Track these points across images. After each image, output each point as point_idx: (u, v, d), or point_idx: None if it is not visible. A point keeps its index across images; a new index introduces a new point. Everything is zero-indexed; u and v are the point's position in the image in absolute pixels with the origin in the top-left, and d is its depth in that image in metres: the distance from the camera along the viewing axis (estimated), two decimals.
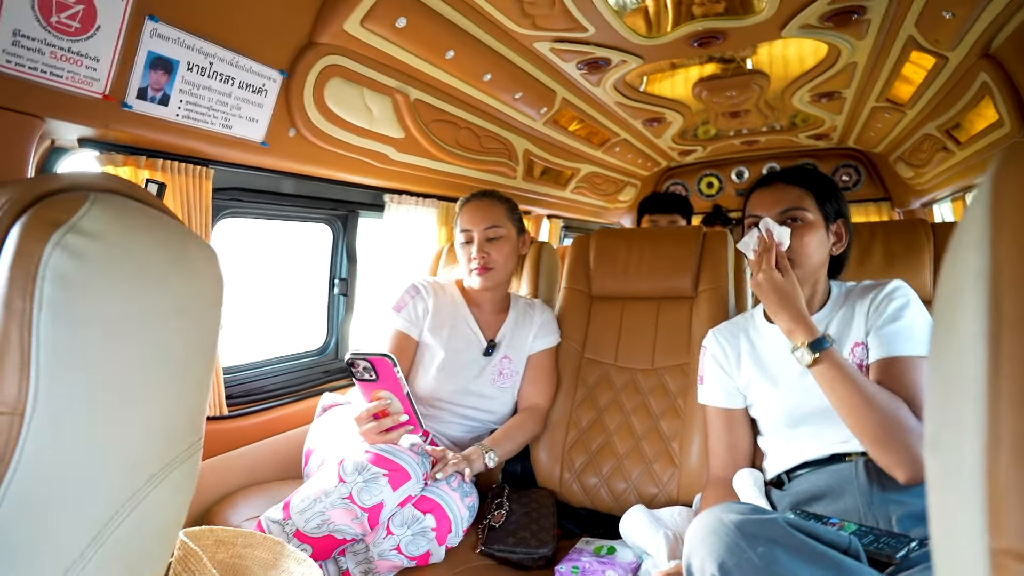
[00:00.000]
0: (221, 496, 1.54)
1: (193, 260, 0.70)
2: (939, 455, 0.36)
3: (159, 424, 0.65)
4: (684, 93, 2.54)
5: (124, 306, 0.60)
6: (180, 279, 0.67)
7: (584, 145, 2.95)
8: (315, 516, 1.18)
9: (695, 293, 1.71)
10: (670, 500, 1.51)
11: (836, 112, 2.85)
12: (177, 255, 0.67)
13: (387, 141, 1.81)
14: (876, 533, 1.00)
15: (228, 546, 0.96)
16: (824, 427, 1.20)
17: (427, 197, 2.26)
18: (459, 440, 1.64)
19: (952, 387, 0.34)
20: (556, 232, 3.78)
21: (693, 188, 4.13)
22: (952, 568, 0.34)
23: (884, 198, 3.70)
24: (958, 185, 2.72)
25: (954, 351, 0.33)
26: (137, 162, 1.25)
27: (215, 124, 1.31)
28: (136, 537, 0.62)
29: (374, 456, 1.22)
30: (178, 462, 0.68)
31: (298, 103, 1.47)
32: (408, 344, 1.65)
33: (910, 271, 1.50)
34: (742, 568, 0.80)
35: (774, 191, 1.29)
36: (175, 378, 0.67)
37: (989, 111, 1.88)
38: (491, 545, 1.32)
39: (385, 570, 1.23)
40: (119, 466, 0.60)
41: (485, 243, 1.65)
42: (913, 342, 1.15)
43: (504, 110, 2.18)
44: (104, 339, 0.58)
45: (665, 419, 1.59)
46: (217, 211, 1.62)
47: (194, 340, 0.69)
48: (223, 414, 1.58)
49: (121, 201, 0.63)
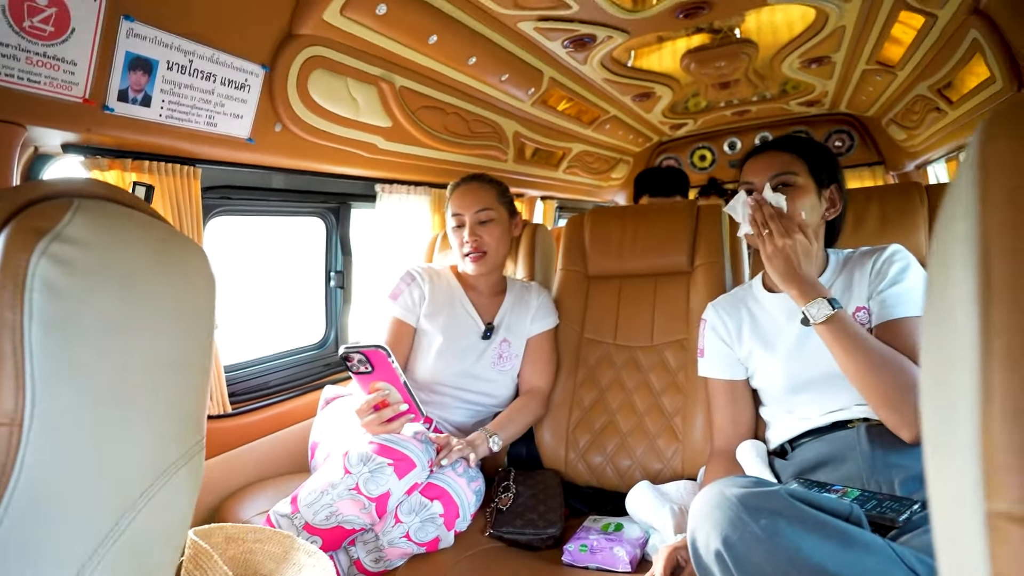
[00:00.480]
0: (230, 492, 1.56)
1: (183, 262, 0.69)
2: (934, 418, 0.36)
3: (160, 427, 0.65)
4: (672, 66, 2.51)
5: (116, 311, 0.60)
6: (171, 281, 0.67)
7: (574, 124, 2.92)
8: (323, 508, 1.19)
9: (691, 268, 1.71)
10: (675, 475, 1.52)
11: (826, 77, 2.82)
12: (166, 258, 0.67)
13: (375, 131, 1.80)
14: (879, 498, 1.01)
15: (238, 542, 0.97)
16: (825, 395, 1.21)
17: (418, 185, 2.25)
18: (462, 425, 1.65)
19: (945, 351, 0.34)
20: (550, 213, 3.76)
21: (686, 162, 4.11)
22: (950, 531, 0.35)
23: (878, 162, 3.68)
24: (952, 145, 2.71)
25: (946, 316, 0.33)
26: (123, 165, 1.24)
27: (199, 122, 1.30)
28: (143, 539, 0.63)
29: (378, 446, 1.23)
30: (182, 463, 0.69)
31: (282, 97, 1.45)
32: (406, 331, 1.65)
33: (905, 234, 1.50)
34: (745, 541, 0.80)
35: (766, 157, 1.29)
36: (173, 380, 0.67)
37: (980, 68, 1.86)
38: (499, 528, 1.34)
39: (396, 557, 1.25)
40: (122, 470, 0.61)
41: (476, 227, 1.65)
42: (916, 304, 1.16)
43: (491, 93, 2.16)
44: (98, 346, 0.58)
45: (667, 395, 1.60)
46: (208, 210, 1.61)
47: (190, 341, 0.69)
48: (227, 412, 1.59)
49: (106, 206, 0.63)
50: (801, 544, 0.78)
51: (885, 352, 1.10)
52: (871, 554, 0.78)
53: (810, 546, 0.78)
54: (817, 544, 0.78)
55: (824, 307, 1.12)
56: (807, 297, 1.15)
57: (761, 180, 1.27)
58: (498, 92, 2.16)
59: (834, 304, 1.13)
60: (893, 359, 1.09)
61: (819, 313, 1.13)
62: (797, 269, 1.16)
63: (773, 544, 0.78)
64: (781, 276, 1.18)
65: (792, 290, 1.17)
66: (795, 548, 0.78)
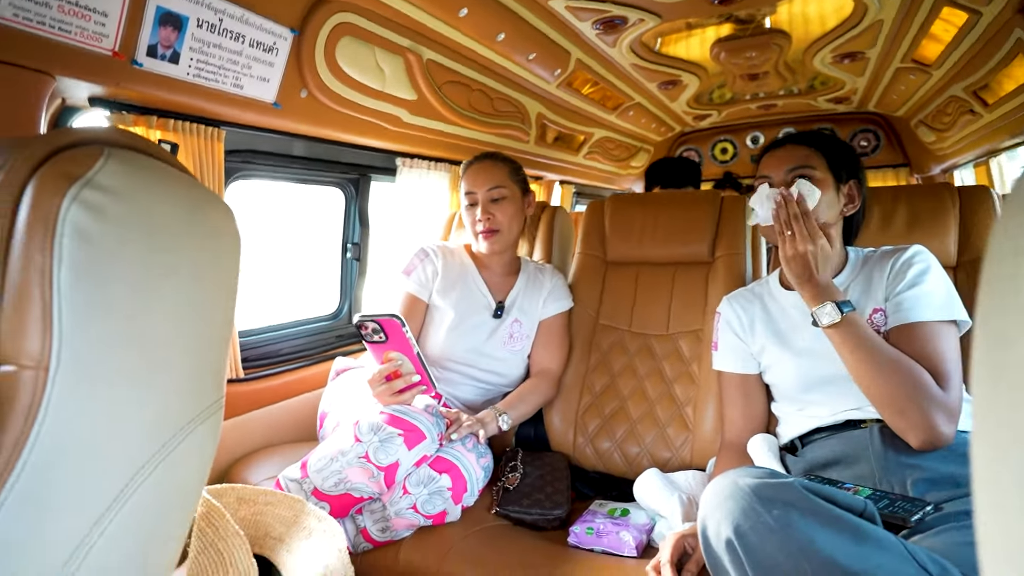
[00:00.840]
0: (240, 456, 1.57)
1: (211, 218, 0.69)
2: (988, 420, 0.34)
3: (183, 381, 0.65)
4: (701, 55, 2.47)
5: (144, 261, 0.59)
6: (198, 236, 0.66)
7: (597, 109, 2.89)
8: (332, 475, 1.19)
9: (712, 259, 1.69)
10: (683, 464, 1.52)
11: (858, 74, 2.76)
12: (194, 212, 0.66)
13: (400, 103, 1.78)
14: (891, 497, 1.00)
15: (250, 504, 0.98)
16: (838, 393, 1.20)
17: (439, 161, 2.23)
18: (471, 403, 1.66)
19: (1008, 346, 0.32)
20: (568, 198, 3.74)
21: (707, 154, 4.06)
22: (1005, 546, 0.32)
23: (903, 164, 3.62)
24: (982, 149, 2.65)
25: (1014, 306, 0.31)
26: (148, 122, 1.23)
27: (226, 83, 1.29)
28: (161, 493, 0.63)
29: (389, 416, 1.23)
30: (201, 419, 0.69)
31: (309, 63, 1.44)
32: (418, 307, 1.66)
33: (934, 236, 1.47)
34: (758, 531, 0.80)
35: (783, 151, 1.28)
36: (198, 334, 0.67)
37: (1021, 70, 1.82)
38: (506, 506, 1.34)
39: (402, 528, 1.25)
40: (144, 422, 0.61)
41: (489, 204, 1.64)
42: (933, 308, 1.14)
43: (518, 72, 2.13)
44: (126, 295, 0.57)
45: (679, 384, 1.59)
46: (229, 173, 1.61)
47: (216, 296, 0.69)
48: (239, 377, 1.60)
49: (136, 156, 0.62)
50: (814, 536, 0.77)
51: (894, 356, 1.08)
52: (883, 550, 0.77)
53: (823, 539, 0.77)
54: (830, 537, 0.77)
55: (833, 312, 1.12)
56: (818, 300, 1.14)
57: (778, 174, 1.26)
58: (524, 71, 2.14)
59: (843, 308, 1.12)
60: (902, 364, 1.07)
61: (827, 317, 1.12)
62: (814, 274, 1.15)
63: (785, 535, 0.78)
64: (797, 279, 1.17)
65: (805, 293, 1.17)
66: (808, 540, 0.77)
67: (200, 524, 0.85)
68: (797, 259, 1.16)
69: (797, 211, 1.17)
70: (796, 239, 1.16)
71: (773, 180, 1.26)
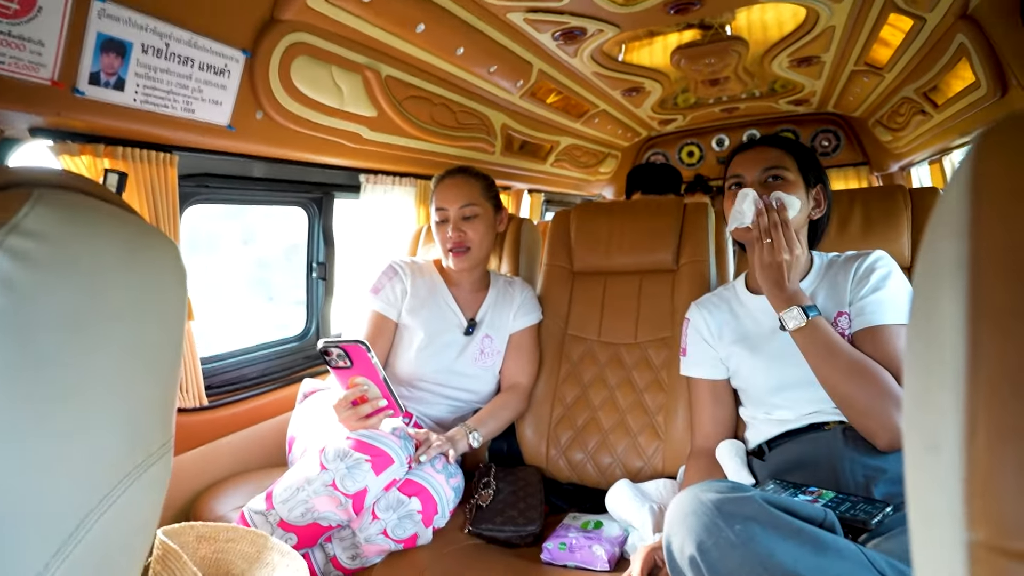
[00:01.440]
0: (206, 486, 1.53)
1: (153, 256, 0.66)
2: (916, 441, 0.35)
3: (125, 427, 0.63)
4: (662, 62, 2.50)
5: (78, 307, 0.57)
6: (139, 275, 0.64)
7: (563, 117, 2.90)
8: (299, 504, 1.17)
9: (676, 266, 1.70)
10: (655, 473, 1.52)
11: (815, 77, 2.82)
12: (135, 252, 0.64)
13: (359, 120, 1.76)
14: (853, 499, 1.02)
15: (210, 541, 0.95)
16: (803, 397, 1.22)
17: (404, 176, 2.22)
18: (443, 420, 1.64)
19: (930, 374, 0.33)
20: (537, 206, 3.74)
21: (674, 157, 4.11)
22: (931, 561, 0.34)
23: (863, 162, 3.71)
24: (935, 148, 2.73)
25: (932, 338, 0.32)
26: (95, 151, 1.20)
27: (176, 108, 1.26)
28: (107, 542, 0.61)
29: (355, 442, 1.21)
30: (149, 463, 0.66)
31: (264, 84, 1.41)
32: (387, 326, 1.63)
33: (888, 238, 1.50)
34: (720, 547, 0.80)
35: (756, 152, 1.30)
36: (139, 378, 0.65)
37: (966, 73, 1.87)
38: (479, 525, 1.33)
39: (373, 554, 1.23)
40: (84, 473, 0.58)
41: (461, 222, 1.63)
42: (895, 311, 1.16)
43: (480, 84, 2.13)
44: (56, 343, 0.55)
45: (649, 393, 1.60)
46: (185, 198, 1.57)
47: (158, 339, 0.67)
48: (203, 405, 1.56)
49: (70, 196, 0.60)
50: (775, 549, 0.78)
51: (859, 360, 1.11)
52: (843, 559, 0.78)
53: (783, 551, 0.78)
54: (790, 550, 0.78)
55: (799, 316, 1.15)
56: (785, 305, 1.17)
57: (751, 173, 1.28)
58: (486, 83, 2.14)
59: (809, 312, 1.14)
60: (865, 366, 1.10)
61: (793, 321, 1.15)
62: (786, 282, 1.18)
63: (747, 550, 0.78)
64: (769, 285, 1.19)
65: (775, 299, 1.19)
66: (768, 554, 0.78)
67: (155, 568, 0.82)
68: (773, 267, 1.18)
69: (777, 220, 1.19)
70: (774, 248, 1.18)
71: (746, 179, 1.28)
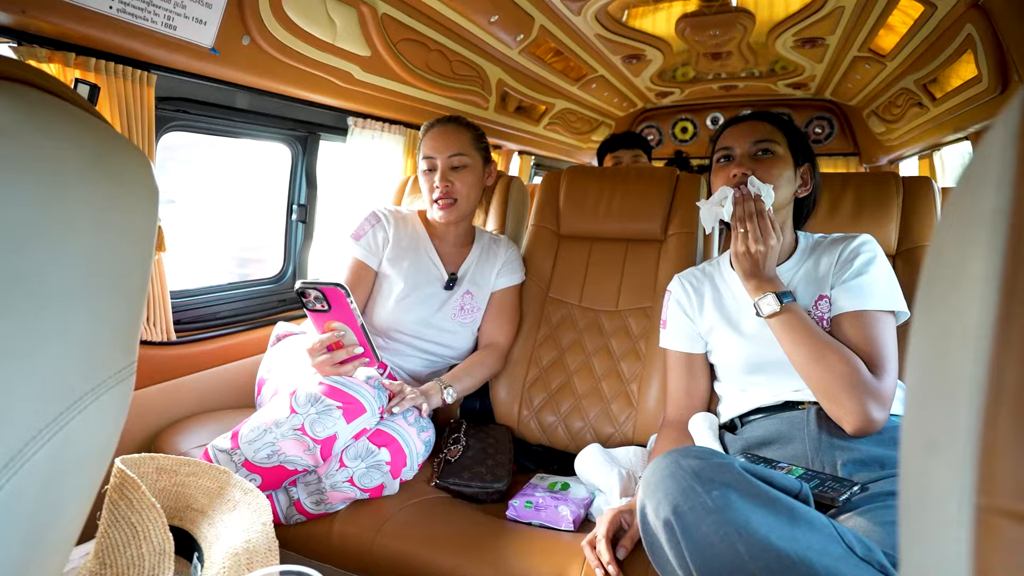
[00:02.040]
0: (169, 423, 1.50)
1: (122, 167, 0.62)
2: (921, 405, 0.33)
3: (84, 346, 0.59)
4: (666, 30, 2.44)
5: (37, 210, 0.52)
6: (107, 186, 0.59)
7: (560, 79, 2.83)
8: (265, 446, 1.15)
9: (664, 237, 1.69)
10: (625, 440, 1.53)
11: (817, 60, 2.80)
12: (102, 158, 0.59)
13: (352, 58, 1.69)
14: (821, 477, 1.03)
15: (170, 474, 0.92)
16: (780, 376, 1.22)
17: (393, 123, 2.15)
18: (417, 374, 1.62)
19: (948, 336, 0.31)
20: (527, 169, 3.69)
21: (667, 132, 4.07)
22: (922, 526, 0.33)
23: (853, 153, 3.72)
24: (927, 143, 2.74)
25: (955, 297, 0.30)
26: (66, 59, 1.12)
27: (156, 23, 1.18)
28: (57, 464, 0.57)
29: (328, 388, 1.19)
30: (107, 386, 0.63)
31: (252, 6, 1.34)
32: (366, 273, 1.59)
33: (878, 224, 1.50)
34: (696, 511, 0.80)
35: (748, 125, 1.29)
36: (102, 295, 0.61)
37: (968, 67, 1.86)
38: (446, 479, 1.32)
39: (337, 501, 1.22)
40: (33, 389, 0.55)
41: (449, 172, 1.58)
42: (877, 297, 1.16)
43: (478, 34, 2.06)
44: (12, 249, 0.51)
45: (626, 361, 1.59)
46: (161, 123, 1.49)
47: (124, 254, 0.62)
48: (170, 340, 1.52)
49: (31, 92, 0.55)
50: (750, 517, 0.78)
51: (832, 345, 1.11)
52: (815, 531, 0.79)
53: (758, 520, 0.78)
54: (765, 519, 0.78)
55: (773, 302, 1.15)
56: (760, 291, 1.17)
57: (742, 145, 1.26)
58: (485, 34, 2.06)
59: (783, 299, 1.15)
60: (838, 352, 1.10)
61: (767, 307, 1.16)
62: (760, 271, 1.18)
63: (722, 516, 0.78)
64: (743, 274, 1.20)
65: (749, 286, 1.19)
66: (744, 521, 0.78)
67: (112, 496, 0.79)
68: (747, 256, 1.19)
69: (753, 209, 1.17)
70: (748, 237, 1.17)
71: (736, 151, 1.27)
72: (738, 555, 0.76)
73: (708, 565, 0.78)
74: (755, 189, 1.19)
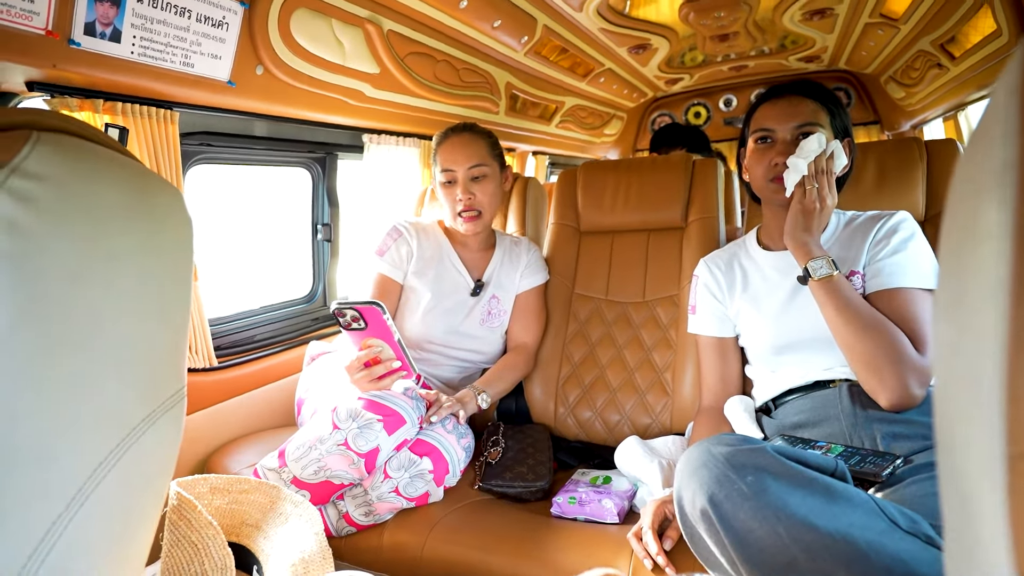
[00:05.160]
0: (217, 447, 1.55)
1: (157, 201, 0.65)
2: (950, 360, 0.34)
3: (137, 373, 0.62)
4: (670, 17, 2.43)
5: (83, 252, 0.56)
6: (145, 221, 0.63)
7: (568, 76, 2.84)
8: (311, 463, 1.18)
9: (685, 223, 1.68)
10: (663, 430, 1.53)
11: (827, 31, 2.75)
12: (139, 196, 0.62)
13: (362, 77, 1.72)
14: (862, 453, 1.02)
15: (224, 493, 0.96)
16: (808, 356, 1.21)
17: (407, 136, 2.18)
18: (450, 381, 1.64)
19: (968, 288, 0.32)
20: (542, 169, 3.70)
21: (680, 118, 4.03)
22: (959, 476, 0.33)
23: (874, 121, 3.64)
24: (950, 103, 2.66)
25: (969, 250, 0.31)
26: (95, 106, 1.18)
27: (175, 62, 1.23)
28: (122, 490, 0.61)
29: (367, 402, 1.21)
30: (162, 411, 0.66)
31: (263, 37, 1.38)
32: (393, 288, 1.62)
33: (902, 191, 1.47)
34: (732, 499, 0.80)
35: (789, 104, 1.23)
36: (149, 324, 0.64)
37: (986, 21, 1.81)
38: (488, 481, 1.34)
39: (385, 511, 1.25)
40: (96, 420, 0.58)
41: (470, 183, 1.59)
42: (914, 275, 1.14)
43: (483, 40, 2.08)
44: (65, 287, 0.54)
45: (657, 351, 1.59)
46: (187, 157, 1.55)
47: (166, 283, 0.66)
48: (212, 365, 1.57)
49: (69, 140, 0.58)
50: (788, 500, 0.78)
51: (876, 317, 1.09)
52: (855, 508, 0.78)
53: (796, 502, 0.77)
54: (803, 499, 0.78)
55: (828, 266, 1.13)
56: (807, 255, 1.15)
57: (783, 129, 1.22)
58: (490, 40, 2.08)
59: (835, 265, 1.13)
60: (883, 325, 1.08)
61: (821, 271, 1.13)
62: (813, 230, 1.16)
63: (759, 501, 0.78)
64: (798, 230, 1.17)
65: (797, 247, 1.17)
66: (782, 504, 0.77)
67: (172, 518, 0.83)
68: (809, 212, 1.16)
69: (824, 167, 1.16)
70: (817, 191, 1.16)
71: (776, 135, 1.23)
72: (779, 538, 0.76)
73: (749, 551, 0.78)
74: (831, 147, 1.17)
